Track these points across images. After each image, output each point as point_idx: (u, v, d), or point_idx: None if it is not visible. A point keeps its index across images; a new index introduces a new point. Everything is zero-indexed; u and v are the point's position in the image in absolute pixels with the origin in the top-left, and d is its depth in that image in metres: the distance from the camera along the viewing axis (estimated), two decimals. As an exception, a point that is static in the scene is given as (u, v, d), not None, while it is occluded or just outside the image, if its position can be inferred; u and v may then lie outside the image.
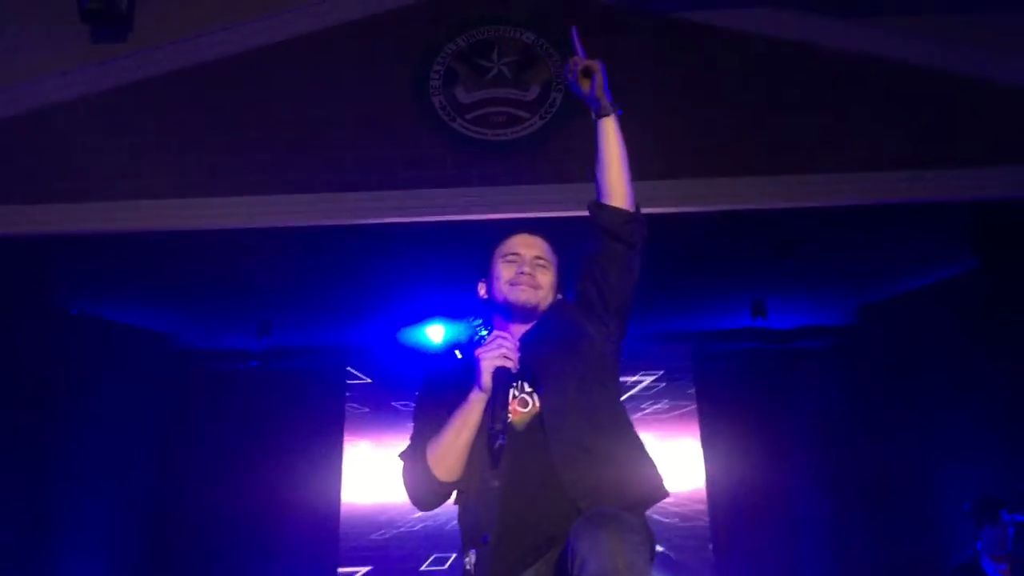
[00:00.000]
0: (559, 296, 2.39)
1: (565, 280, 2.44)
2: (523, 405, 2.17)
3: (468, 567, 2.08)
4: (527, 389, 2.18)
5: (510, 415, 2.12)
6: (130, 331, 6.70)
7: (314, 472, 6.97)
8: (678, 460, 7.08)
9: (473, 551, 2.08)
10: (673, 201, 4.80)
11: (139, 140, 5.03)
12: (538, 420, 2.13)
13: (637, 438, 2.26)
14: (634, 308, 2.35)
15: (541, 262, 2.35)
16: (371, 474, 7.08)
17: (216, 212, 4.92)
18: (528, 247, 2.35)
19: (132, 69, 5.11)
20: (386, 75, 5.15)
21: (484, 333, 2.32)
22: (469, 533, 2.13)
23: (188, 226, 4.97)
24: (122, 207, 4.93)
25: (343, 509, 7.01)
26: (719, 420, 7.01)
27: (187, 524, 6.63)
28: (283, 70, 5.18)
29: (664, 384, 7.15)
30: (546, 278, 2.33)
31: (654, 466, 2.24)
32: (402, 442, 2.30)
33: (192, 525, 6.63)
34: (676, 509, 6.79)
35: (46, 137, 5.04)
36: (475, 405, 2.12)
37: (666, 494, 2.22)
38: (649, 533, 2.05)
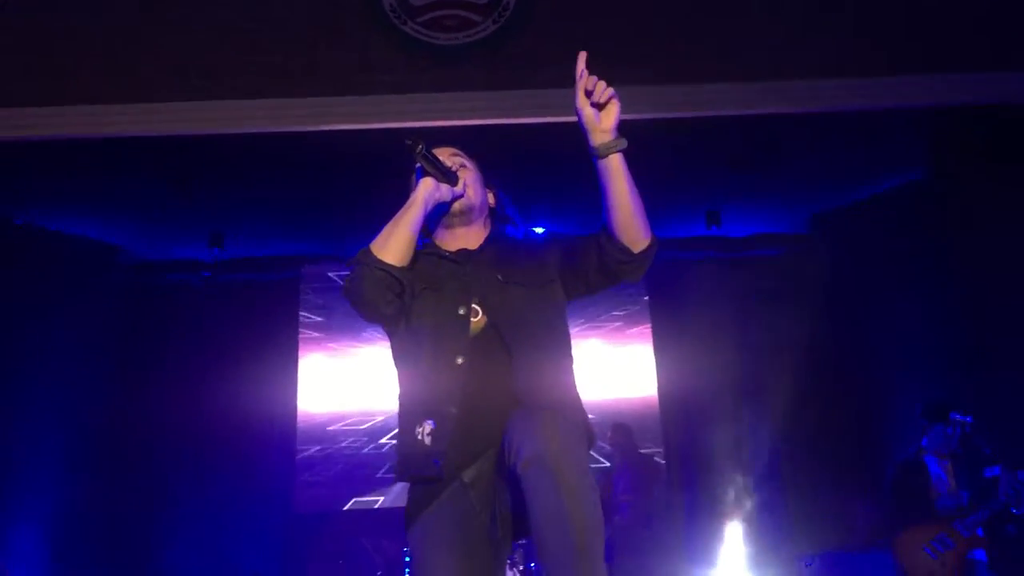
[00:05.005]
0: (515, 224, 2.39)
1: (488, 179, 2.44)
2: (473, 315, 2.19)
3: (420, 436, 2.11)
4: (474, 306, 2.20)
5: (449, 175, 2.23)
6: (77, 241, 6.56)
7: (269, 381, 6.97)
8: (631, 366, 7.21)
9: (430, 421, 2.11)
10: (625, 108, 4.75)
11: (80, 42, 4.84)
12: (488, 328, 2.17)
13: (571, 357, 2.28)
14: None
15: (458, 159, 2.37)
16: (326, 383, 7.14)
17: (161, 118, 4.77)
18: (439, 154, 2.32)
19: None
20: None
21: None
22: (428, 404, 2.14)
23: (132, 132, 4.82)
24: (64, 112, 4.76)
25: (299, 417, 7.07)
26: (672, 327, 7.11)
27: (142, 437, 6.62)
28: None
29: (618, 292, 7.22)
30: (468, 175, 2.35)
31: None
32: (357, 351, 2.30)
33: (144, 435, 6.62)
34: (628, 414, 6.93)
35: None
36: (414, 197, 2.21)
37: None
38: (587, 428, 2.09)
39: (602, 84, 2.09)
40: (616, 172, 2.13)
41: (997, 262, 5.38)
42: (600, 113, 2.10)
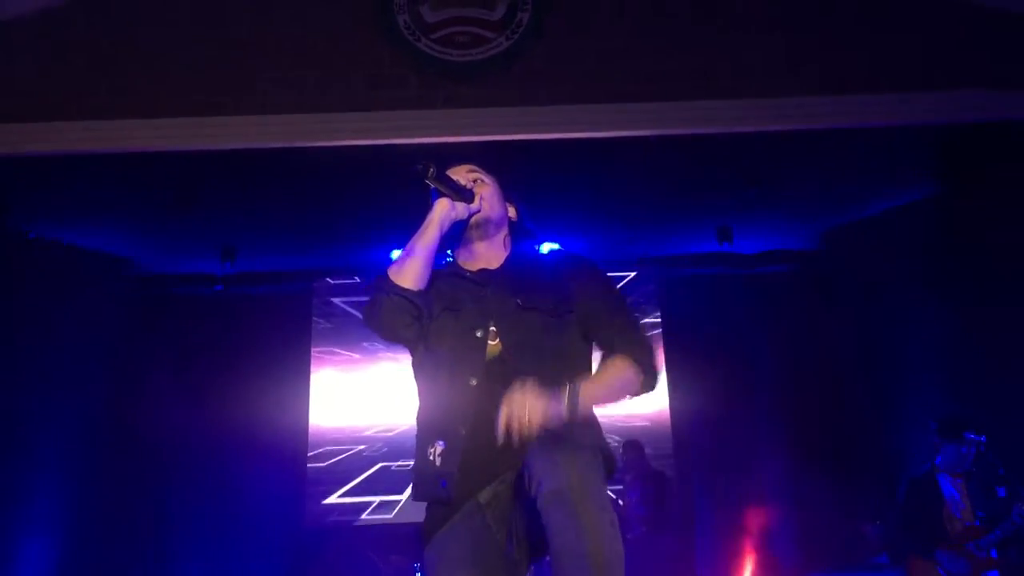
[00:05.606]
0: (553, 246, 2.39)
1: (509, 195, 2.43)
2: (491, 339, 2.20)
3: (431, 457, 2.13)
4: (491, 329, 2.21)
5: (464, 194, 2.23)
6: (91, 255, 6.59)
7: (280, 395, 6.97)
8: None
9: (441, 442, 2.13)
10: (638, 124, 4.77)
11: (93, 58, 4.88)
12: (503, 353, 2.17)
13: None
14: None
15: (475, 175, 2.36)
16: (338, 397, 7.14)
17: (175, 133, 4.80)
18: (456, 172, 2.33)
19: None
20: (349, -10, 5.01)
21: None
22: (440, 424, 2.16)
23: (146, 147, 4.85)
24: (78, 127, 4.80)
25: (310, 431, 7.08)
26: (684, 345, 7.09)
27: (151, 451, 6.63)
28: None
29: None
30: (486, 189, 2.33)
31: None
32: (369, 365, 2.30)
33: (154, 448, 6.63)
34: (640, 430, 6.91)
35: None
36: (430, 219, 2.21)
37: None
38: (605, 451, 2.08)
39: (519, 433, 1.93)
40: (592, 405, 2.09)
41: (1008, 278, 5.36)
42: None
